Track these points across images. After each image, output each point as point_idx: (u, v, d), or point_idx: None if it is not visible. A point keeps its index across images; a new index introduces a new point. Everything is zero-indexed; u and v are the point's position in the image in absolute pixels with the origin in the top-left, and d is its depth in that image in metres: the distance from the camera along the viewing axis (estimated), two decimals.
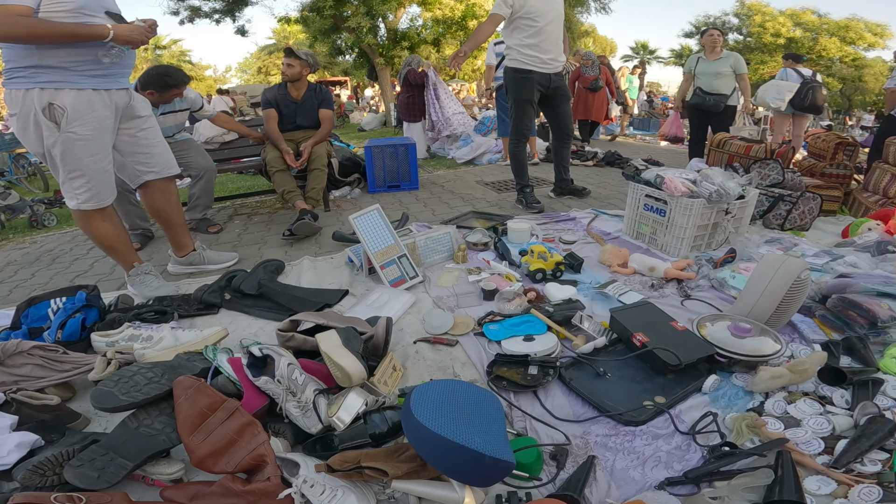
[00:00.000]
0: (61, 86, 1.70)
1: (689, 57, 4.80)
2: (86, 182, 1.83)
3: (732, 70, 4.43)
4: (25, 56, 1.65)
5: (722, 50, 4.55)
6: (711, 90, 4.47)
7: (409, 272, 2.12)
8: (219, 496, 0.93)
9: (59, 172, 1.82)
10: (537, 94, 3.18)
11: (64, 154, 1.75)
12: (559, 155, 3.56)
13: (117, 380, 1.15)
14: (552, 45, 3.09)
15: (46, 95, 1.68)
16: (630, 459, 1.15)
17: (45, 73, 1.67)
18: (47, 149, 1.76)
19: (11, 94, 1.68)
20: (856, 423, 1.20)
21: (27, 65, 1.66)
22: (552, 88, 3.20)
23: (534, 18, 2.98)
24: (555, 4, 3.06)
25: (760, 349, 1.44)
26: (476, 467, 0.93)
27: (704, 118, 4.65)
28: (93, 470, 0.96)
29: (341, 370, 1.17)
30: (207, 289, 2.05)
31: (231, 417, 1.04)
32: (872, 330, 1.58)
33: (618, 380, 1.44)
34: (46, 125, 1.70)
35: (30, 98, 1.68)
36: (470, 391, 1.12)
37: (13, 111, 1.71)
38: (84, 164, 1.80)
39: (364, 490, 0.96)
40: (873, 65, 20.06)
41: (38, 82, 1.66)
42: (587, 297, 1.96)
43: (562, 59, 3.20)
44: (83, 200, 1.86)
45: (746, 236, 2.35)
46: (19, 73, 1.66)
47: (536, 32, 3.01)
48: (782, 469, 1.04)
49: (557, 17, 3.09)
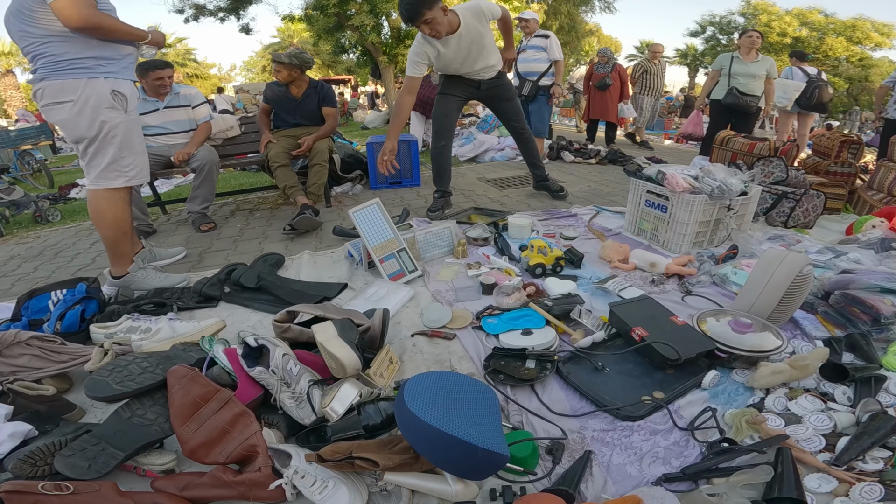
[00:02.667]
0: (118, 75, 1.88)
1: (720, 55, 4.77)
2: (135, 159, 2.00)
3: (767, 74, 4.49)
4: (86, 49, 1.78)
5: (758, 53, 4.58)
6: (747, 91, 4.50)
7: (409, 266, 2.11)
8: (209, 487, 0.92)
9: (106, 155, 1.92)
10: (464, 90, 3.04)
11: (126, 135, 1.94)
12: (522, 151, 3.45)
13: (112, 369, 1.14)
14: (475, 68, 2.91)
15: (110, 84, 1.85)
16: (627, 455, 1.14)
17: (105, 64, 1.83)
18: (105, 132, 1.88)
19: (66, 82, 1.77)
20: (858, 421, 1.18)
21: (89, 55, 1.78)
22: (484, 90, 3.05)
23: (448, 67, 2.86)
24: (467, 48, 2.77)
25: (761, 345, 1.42)
26: (469, 459, 0.92)
27: (730, 118, 4.65)
28: (83, 460, 0.95)
29: (335, 360, 1.16)
30: (207, 282, 2.05)
31: (224, 408, 1.03)
32: (875, 327, 1.56)
33: (616, 374, 1.42)
34: (113, 109, 1.87)
35: (93, 86, 1.81)
36: (465, 383, 1.11)
37: (67, 98, 1.80)
38: (136, 143, 2.01)
39: (356, 482, 0.96)
40: (880, 65, 19.88)
41: (102, 73, 1.83)
42: (587, 292, 1.95)
43: (491, 67, 2.96)
44: (132, 176, 2.01)
45: (749, 233, 2.33)
46: (80, 64, 1.77)
47: (455, 72, 2.92)
48: (782, 466, 1.03)
49: (473, 53, 2.81)
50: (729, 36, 21.18)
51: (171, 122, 3.17)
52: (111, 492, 0.89)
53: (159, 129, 3.15)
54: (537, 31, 4.56)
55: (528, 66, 4.52)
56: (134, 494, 0.91)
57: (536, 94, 4.56)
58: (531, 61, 4.51)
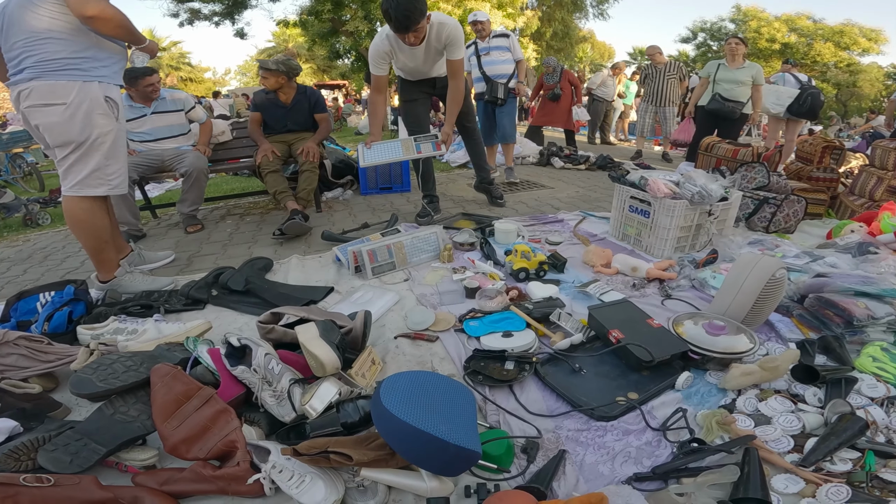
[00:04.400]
0: (110, 80, 1.84)
1: (708, 62, 4.84)
2: (120, 167, 1.96)
3: (752, 80, 4.52)
4: (81, 49, 1.74)
5: (744, 59, 4.63)
6: (731, 97, 4.55)
7: (431, 137, 2.76)
8: (189, 481, 0.95)
9: (89, 162, 1.87)
10: (421, 90, 3.08)
11: (114, 143, 1.89)
12: (469, 151, 3.47)
13: (96, 367, 1.17)
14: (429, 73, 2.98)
15: (103, 89, 1.81)
16: (600, 454, 1.17)
17: (99, 68, 1.79)
18: (94, 138, 1.83)
19: (59, 84, 1.73)
20: (826, 422, 1.20)
21: (85, 56, 1.76)
22: (440, 87, 3.06)
23: (404, 66, 2.91)
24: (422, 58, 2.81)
25: (733, 346, 1.46)
26: (441, 455, 0.95)
27: (715, 124, 4.71)
28: (66, 454, 0.98)
29: (315, 359, 1.19)
30: (194, 284, 2.07)
31: (205, 405, 1.06)
32: (849, 329, 1.59)
33: (593, 376, 1.46)
34: (106, 116, 1.83)
35: (87, 90, 1.77)
36: (441, 383, 1.14)
37: (58, 101, 1.75)
38: (121, 152, 1.96)
39: (333, 477, 0.98)
40: (868, 70, 20.20)
41: (96, 76, 1.78)
42: (569, 296, 1.99)
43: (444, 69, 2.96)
44: (115, 185, 1.96)
45: (730, 238, 2.38)
46: (74, 66, 1.74)
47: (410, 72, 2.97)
48: (748, 466, 1.04)
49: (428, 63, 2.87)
50: (720, 42, 21.47)
51: (159, 128, 3.20)
52: (91, 485, 0.91)
53: (147, 134, 3.17)
54: (495, 31, 4.37)
55: (495, 69, 4.26)
56: (114, 488, 0.94)
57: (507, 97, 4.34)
58: (499, 63, 4.27)
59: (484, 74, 4.25)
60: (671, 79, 5.76)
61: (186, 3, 10.48)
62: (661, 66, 5.79)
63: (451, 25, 2.67)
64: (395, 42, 2.68)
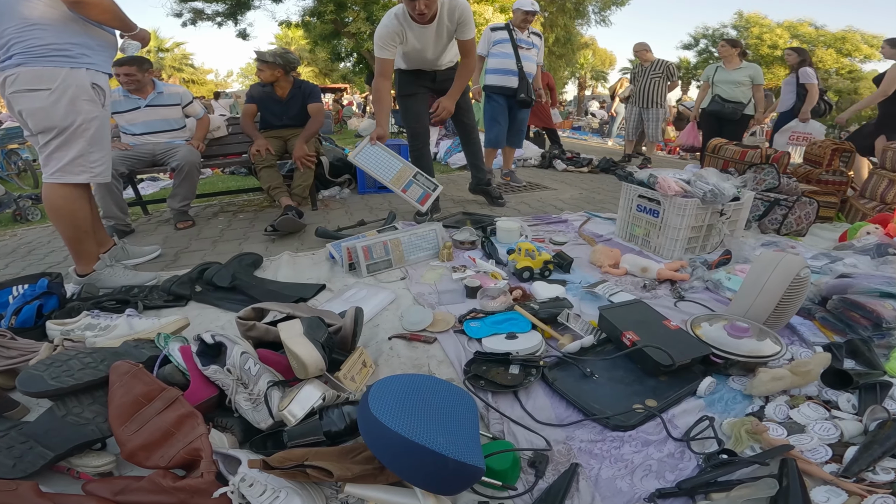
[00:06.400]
0: (98, 68, 1.81)
1: (707, 67, 4.85)
2: (103, 155, 1.91)
3: (751, 80, 4.52)
4: (72, 35, 1.71)
5: (741, 60, 4.64)
6: (730, 98, 4.54)
7: (430, 186, 2.07)
8: (146, 492, 0.82)
9: (72, 148, 1.82)
10: (420, 85, 2.97)
11: (98, 130, 1.85)
12: (466, 151, 3.36)
13: (50, 363, 1.04)
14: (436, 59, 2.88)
15: (90, 76, 1.78)
16: (617, 468, 1.05)
17: (88, 55, 1.76)
18: (78, 124, 1.78)
19: (45, 70, 1.68)
20: (865, 429, 1.10)
21: (74, 43, 1.71)
22: (440, 82, 2.97)
23: (409, 54, 2.80)
24: (430, 39, 2.71)
25: (759, 350, 1.34)
26: (438, 472, 0.82)
27: (719, 125, 4.68)
28: (9, 458, 0.86)
29: (297, 359, 1.06)
30: (177, 280, 1.94)
31: (169, 408, 0.93)
32: (877, 332, 1.50)
33: (606, 381, 1.33)
34: (91, 102, 1.79)
35: (74, 76, 1.73)
36: (440, 388, 1.02)
37: (44, 86, 1.70)
38: (105, 140, 1.92)
39: (313, 493, 0.85)
40: (869, 77, 20.23)
41: (84, 63, 1.75)
42: (576, 296, 1.86)
43: (451, 60, 2.94)
44: (98, 173, 1.91)
45: (742, 239, 2.26)
46: (61, 52, 1.69)
47: (414, 60, 2.88)
48: (787, 479, 0.94)
49: (439, 47, 2.79)
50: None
51: (154, 121, 3.10)
52: (29, 492, 0.78)
53: (141, 127, 3.07)
54: (533, 28, 4.09)
55: (529, 66, 3.90)
56: (56, 496, 0.81)
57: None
58: (531, 61, 3.94)
59: (521, 69, 3.82)
60: (656, 78, 5.25)
61: (190, 2, 10.45)
62: (647, 64, 5.35)
63: (463, 4, 2.62)
64: (406, 20, 2.59)
